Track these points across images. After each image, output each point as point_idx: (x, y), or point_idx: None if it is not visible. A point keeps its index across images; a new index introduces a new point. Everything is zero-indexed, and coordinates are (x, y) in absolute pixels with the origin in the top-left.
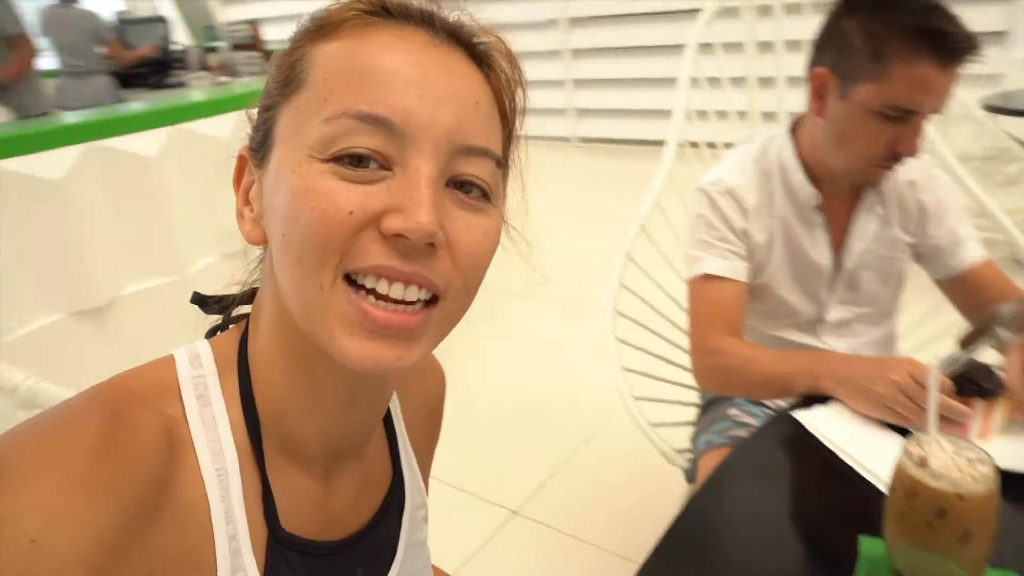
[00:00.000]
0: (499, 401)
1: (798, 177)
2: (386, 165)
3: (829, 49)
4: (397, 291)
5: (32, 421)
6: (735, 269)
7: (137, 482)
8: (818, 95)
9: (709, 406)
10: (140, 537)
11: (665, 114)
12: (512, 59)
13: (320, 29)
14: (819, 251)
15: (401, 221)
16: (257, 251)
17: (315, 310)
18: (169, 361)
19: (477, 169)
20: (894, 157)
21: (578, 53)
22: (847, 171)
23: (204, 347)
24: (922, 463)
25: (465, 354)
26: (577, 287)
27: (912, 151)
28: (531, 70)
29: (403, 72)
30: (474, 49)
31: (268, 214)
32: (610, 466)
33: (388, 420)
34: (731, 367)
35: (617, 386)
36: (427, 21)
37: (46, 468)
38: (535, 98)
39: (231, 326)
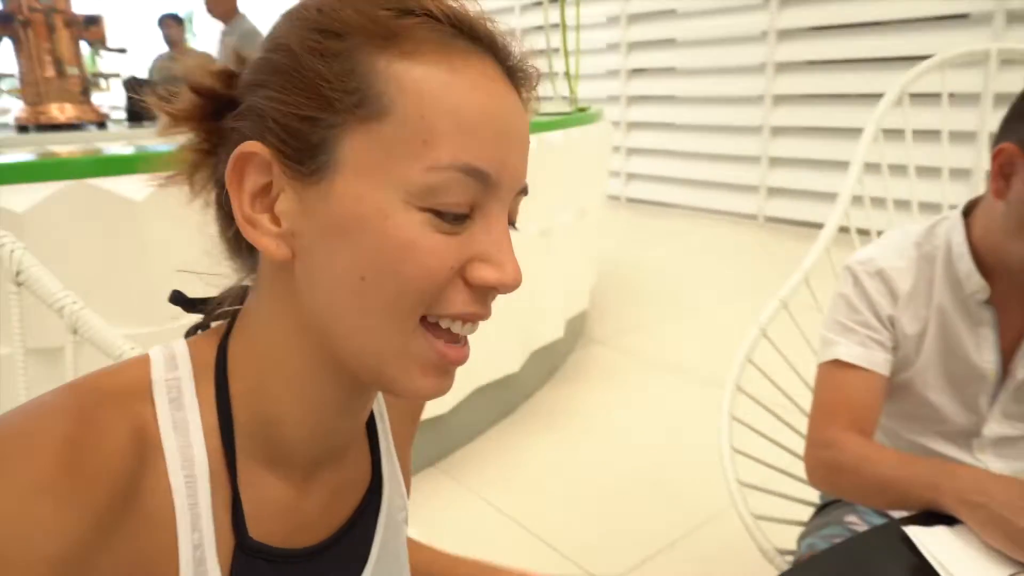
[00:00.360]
0: (616, 469)
1: (966, 264)
2: (471, 212)
3: (1019, 123)
4: (469, 330)
5: (0, 418)
6: (873, 359)
7: (104, 489)
8: (1001, 174)
9: (826, 508)
10: (106, 543)
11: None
12: (539, 73)
13: (391, 40)
14: (983, 353)
15: (494, 274)
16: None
17: (396, 353)
18: (144, 361)
19: (519, 204)
20: None
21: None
22: (1020, 268)
23: (181, 348)
24: None
25: (586, 416)
26: (713, 361)
27: None
28: (727, 143)
29: (501, 121)
30: (518, 77)
31: (320, 245)
32: (716, 555)
33: (370, 421)
34: (842, 464)
35: (723, 469)
36: (493, 47)
37: (12, 471)
38: (726, 174)
39: (211, 326)
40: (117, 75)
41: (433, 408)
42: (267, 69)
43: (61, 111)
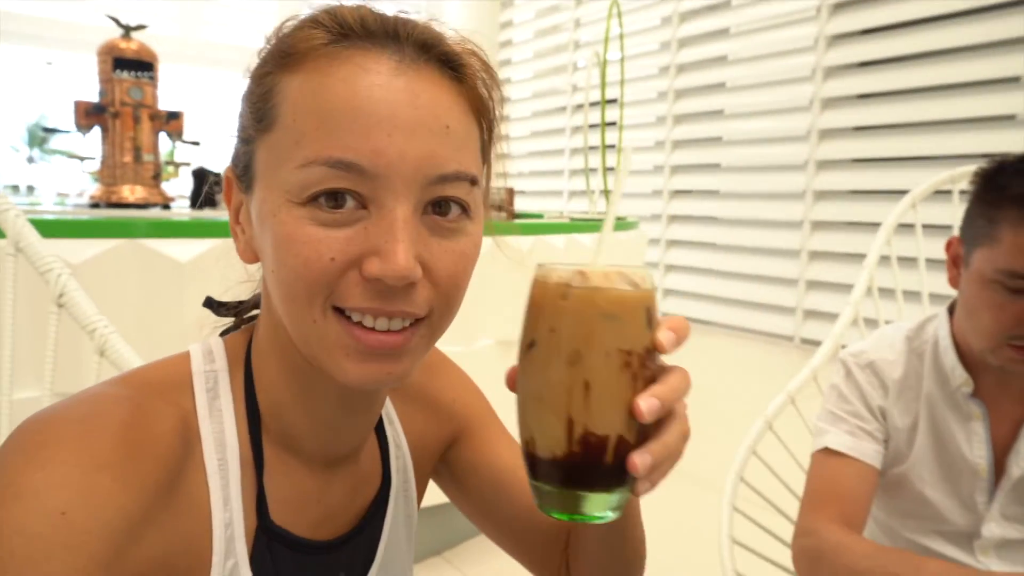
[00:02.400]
0: None
1: (950, 359)
2: (362, 203)
3: (966, 220)
4: (382, 324)
5: (62, 404)
6: (862, 449)
7: (156, 467)
8: (952, 263)
9: None
10: (154, 518)
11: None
12: (482, 59)
13: (287, 58)
14: (974, 448)
15: (379, 266)
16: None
17: (312, 339)
18: (184, 356)
19: (453, 191)
20: None
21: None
22: (982, 351)
23: (218, 344)
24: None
25: None
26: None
27: None
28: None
29: (370, 110)
30: (445, 59)
31: (257, 244)
32: None
33: (380, 427)
34: (821, 553)
35: (721, 560)
36: (393, 38)
37: (76, 448)
38: (762, 294)
39: (243, 327)
40: (188, 164)
41: (439, 497)
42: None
43: (132, 192)
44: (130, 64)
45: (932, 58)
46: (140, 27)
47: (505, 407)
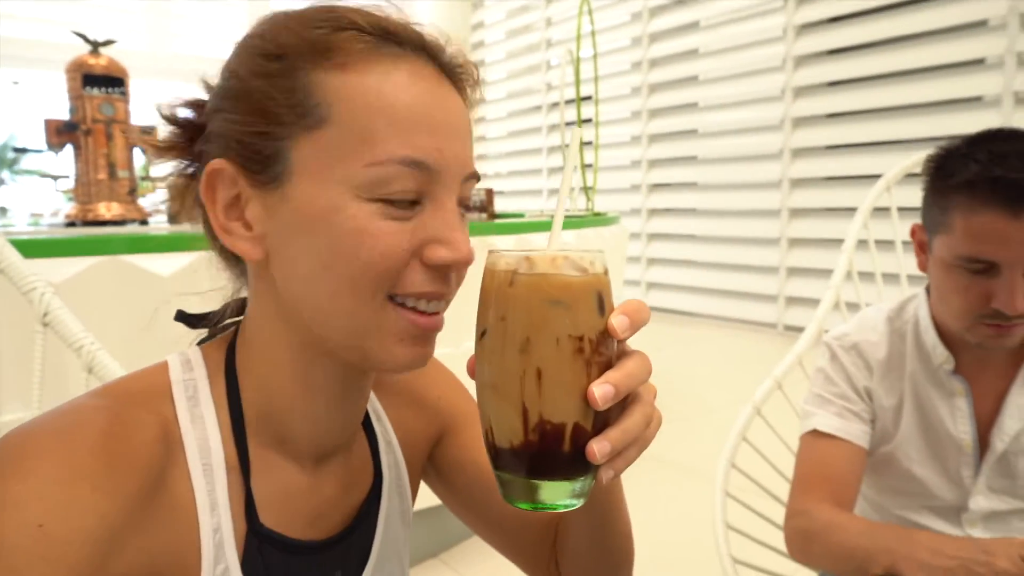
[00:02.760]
0: None
1: (931, 337)
2: (419, 199)
3: (925, 206)
4: (434, 307)
5: (41, 417)
6: (850, 430)
7: (135, 475)
8: (919, 249)
9: None
10: (137, 526)
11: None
12: (476, 69)
13: (325, 55)
14: (958, 424)
15: (448, 253)
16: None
17: (368, 328)
18: (163, 366)
19: (470, 190)
20: (995, 315)
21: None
22: (959, 331)
23: (195, 353)
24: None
25: None
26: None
27: (1010, 307)
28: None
29: (432, 114)
30: (460, 73)
31: (287, 243)
32: None
33: (369, 423)
34: (813, 532)
35: (716, 545)
36: (423, 48)
37: (55, 460)
38: (744, 283)
39: (218, 336)
40: (164, 179)
41: (435, 499)
42: (223, 95)
43: (108, 209)
44: (100, 80)
45: (899, 43)
46: (109, 42)
47: None
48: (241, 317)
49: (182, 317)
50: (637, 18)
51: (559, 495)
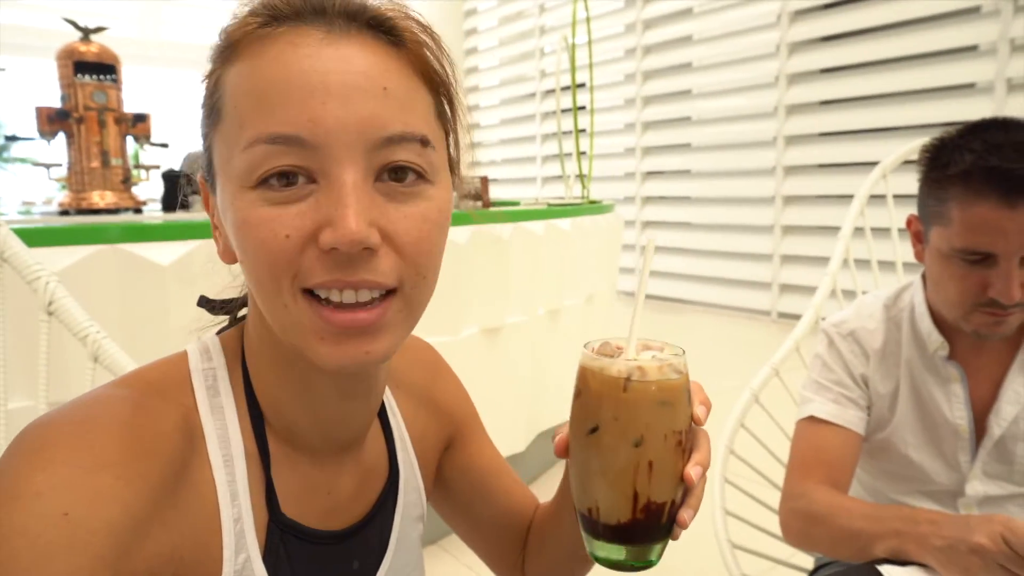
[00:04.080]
0: None
1: (926, 324)
2: (312, 177)
3: (921, 198)
4: (349, 297)
5: (63, 407)
6: (846, 416)
7: (158, 464)
8: (915, 239)
9: (817, 571)
10: (160, 516)
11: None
12: (421, 23)
13: (226, 50)
14: (954, 409)
15: (331, 234)
16: None
17: (287, 325)
18: (182, 355)
19: (405, 154)
20: (991, 303)
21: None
22: (955, 319)
23: (214, 341)
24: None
25: None
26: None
27: (1007, 297)
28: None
29: (300, 82)
30: (378, 27)
31: (229, 240)
32: None
33: (385, 417)
34: (814, 515)
35: (715, 531)
36: (319, 13)
37: (77, 449)
38: (739, 271)
39: (238, 324)
40: (157, 167)
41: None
42: None
43: (102, 198)
44: (92, 67)
45: (892, 30)
46: (100, 29)
47: (487, 398)
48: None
49: (205, 303)
50: (631, 4)
51: (653, 555)
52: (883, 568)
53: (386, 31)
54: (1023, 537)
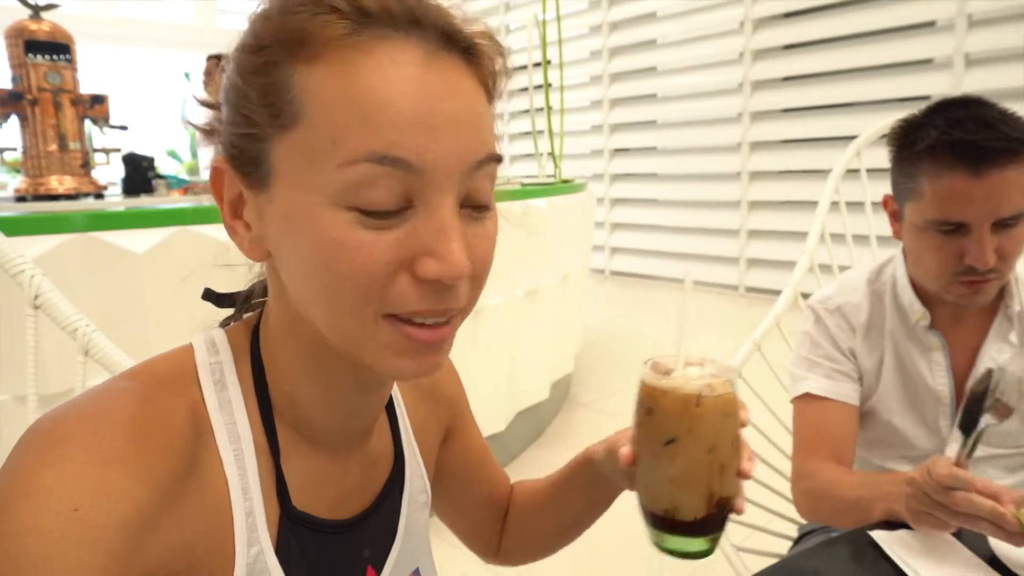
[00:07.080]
0: (600, 528)
1: (908, 295)
2: (408, 203)
3: (894, 177)
4: (431, 319)
5: (71, 402)
6: (840, 390)
7: (168, 459)
8: (892, 218)
9: (803, 538)
10: (170, 510)
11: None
12: (493, 37)
13: (300, 46)
14: (936, 377)
15: (436, 267)
16: None
17: (361, 340)
18: (188, 349)
19: (484, 181)
20: (969, 271)
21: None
22: (936, 292)
23: (220, 335)
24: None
25: None
26: None
27: (982, 262)
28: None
29: (411, 106)
30: (467, 47)
31: (280, 246)
32: None
33: (390, 405)
34: (818, 492)
35: None
36: (415, 24)
37: (86, 444)
38: (706, 246)
39: (244, 317)
40: (118, 150)
41: None
42: (221, 92)
43: (60, 182)
44: (44, 47)
45: (854, 6)
46: (51, 6)
47: (469, 379)
48: (266, 298)
49: (210, 295)
50: None
51: (717, 541)
52: (873, 533)
53: (472, 53)
54: (944, 468)
